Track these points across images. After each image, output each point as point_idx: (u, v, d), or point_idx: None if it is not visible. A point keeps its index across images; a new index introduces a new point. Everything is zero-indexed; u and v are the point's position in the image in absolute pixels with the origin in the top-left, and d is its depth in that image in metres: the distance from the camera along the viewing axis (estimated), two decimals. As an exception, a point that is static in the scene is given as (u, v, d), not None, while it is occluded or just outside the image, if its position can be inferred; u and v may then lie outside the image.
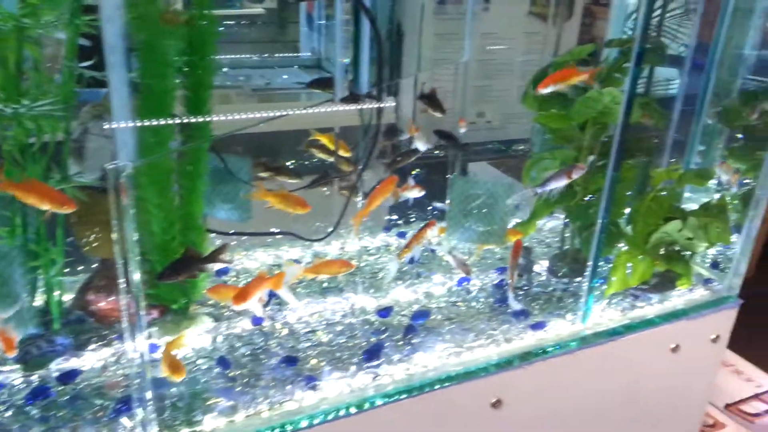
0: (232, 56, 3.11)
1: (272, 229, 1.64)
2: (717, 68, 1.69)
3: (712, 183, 1.82)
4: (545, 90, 1.34)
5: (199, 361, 1.27)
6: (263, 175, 1.56)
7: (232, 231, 1.54)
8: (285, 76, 3.09)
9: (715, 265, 1.72)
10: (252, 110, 1.80)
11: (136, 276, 1.01)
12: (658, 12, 2.76)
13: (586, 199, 1.51)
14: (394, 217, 1.87)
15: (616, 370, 1.52)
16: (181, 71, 1.25)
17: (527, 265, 1.62)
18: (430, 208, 1.81)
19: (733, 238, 1.61)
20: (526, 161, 1.55)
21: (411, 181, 1.56)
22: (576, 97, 1.48)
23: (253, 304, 1.15)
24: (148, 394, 1.08)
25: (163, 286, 1.29)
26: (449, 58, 2.53)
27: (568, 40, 2.50)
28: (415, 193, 1.53)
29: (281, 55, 3.20)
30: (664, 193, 1.47)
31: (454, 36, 2.45)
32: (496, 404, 1.36)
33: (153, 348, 1.26)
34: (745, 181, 1.68)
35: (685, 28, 2.91)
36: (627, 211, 1.57)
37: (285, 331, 1.39)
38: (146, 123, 1.15)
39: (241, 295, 1.14)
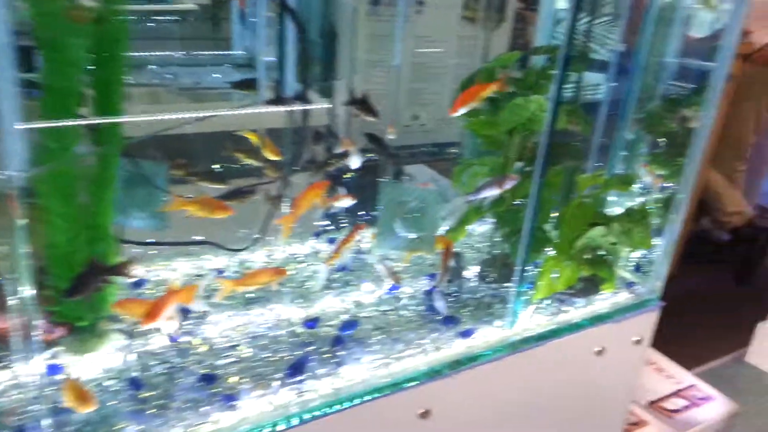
0: (161, 53, 2.97)
1: (193, 238, 1.56)
2: (641, 74, 1.74)
3: (636, 186, 1.88)
4: (457, 114, 1.34)
5: (108, 383, 1.19)
6: (183, 177, 1.49)
7: (148, 240, 1.45)
8: (216, 75, 2.99)
9: (638, 268, 1.77)
10: (178, 110, 1.72)
11: (30, 292, 0.92)
12: (586, 18, 2.83)
13: (514, 204, 1.51)
14: (325, 222, 1.83)
15: (544, 375, 1.53)
16: (89, 71, 1.16)
17: (457, 270, 1.61)
18: (362, 213, 1.78)
19: (655, 241, 1.66)
20: (456, 166, 1.54)
21: (341, 191, 1.52)
22: (505, 103, 1.48)
23: (164, 322, 1.08)
24: (46, 422, 0.99)
25: (67, 301, 1.20)
26: (383, 60, 2.50)
27: (501, 44, 2.52)
28: (345, 202, 1.50)
29: (213, 52, 3.09)
30: (589, 199, 1.49)
31: (388, 38, 2.42)
32: (425, 414, 1.34)
33: (56, 370, 1.17)
34: (666, 185, 1.73)
35: (612, 34, 3.01)
36: (555, 215, 1.58)
37: (204, 348, 1.32)
38: (42, 126, 1.06)
39: (151, 313, 1.06)
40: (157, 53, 2.94)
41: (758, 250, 3.45)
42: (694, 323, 3.03)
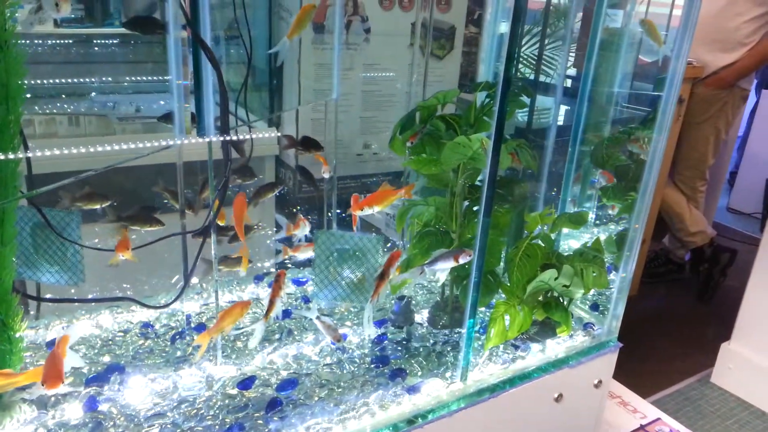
0: (105, 79, 2.84)
1: (117, 291, 1.43)
2: (589, 105, 1.68)
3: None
4: (361, 213, 1.26)
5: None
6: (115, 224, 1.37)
7: (59, 298, 1.32)
8: (161, 102, 2.86)
9: (595, 306, 1.70)
10: (113, 142, 1.60)
11: None
12: (532, 44, 2.81)
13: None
14: (266, 264, 1.72)
15: (501, 427, 1.44)
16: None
17: (407, 316, 1.51)
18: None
19: (611, 276, 1.59)
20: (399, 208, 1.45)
21: (300, 217, 1.42)
22: (447, 140, 1.41)
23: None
24: None
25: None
26: (329, 88, 2.43)
27: (450, 72, 2.47)
28: (305, 230, 1.40)
29: (159, 78, 2.97)
30: (539, 240, 1.42)
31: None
32: (370, 482, 1.23)
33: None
34: (616, 216, 1.67)
35: (561, 60, 2.99)
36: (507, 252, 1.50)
37: (122, 419, 1.19)
38: None
39: (50, 375, 0.95)
40: (102, 79, 2.81)
41: (721, 269, 3.46)
42: (657, 344, 2.99)
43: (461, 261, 1.21)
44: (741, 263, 3.59)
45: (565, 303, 1.49)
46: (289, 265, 1.70)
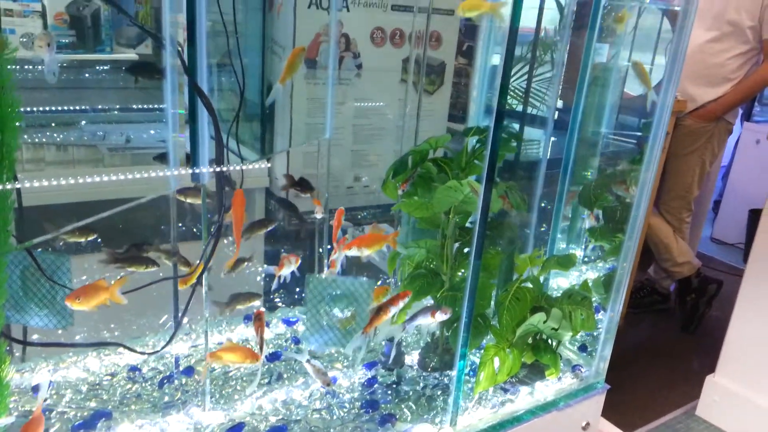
0: (97, 107, 2.83)
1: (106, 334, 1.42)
2: (578, 140, 1.71)
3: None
4: (350, 252, 1.28)
5: None
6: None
7: (47, 342, 1.30)
8: (152, 132, 2.86)
9: (583, 348, 1.71)
10: (104, 174, 1.58)
11: None
12: (524, 77, 2.86)
13: (451, 290, 1.44)
14: (256, 303, 1.71)
15: (489, 471, 1.44)
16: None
17: (397, 358, 1.51)
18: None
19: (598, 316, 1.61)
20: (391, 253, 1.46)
21: (283, 255, 1.41)
22: (438, 183, 1.42)
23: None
24: None
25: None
26: (323, 123, 2.45)
27: (440, 106, 2.50)
28: (291, 268, 1.38)
29: (151, 106, 2.97)
30: (528, 282, 1.43)
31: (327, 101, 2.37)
32: None
33: None
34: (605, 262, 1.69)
35: (549, 92, 3.04)
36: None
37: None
38: None
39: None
40: (94, 107, 2.80)
41: (707, 300, 3.49)
42: (642, 376, 3.00)
43: (438, 318, 1.22)
44: (724, 294, 3.62)
45: (554, 345, 1.50)
46: (280, 304, 1.69)
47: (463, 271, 1.47)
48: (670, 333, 3.60)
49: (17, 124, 1.07)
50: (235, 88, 2.30)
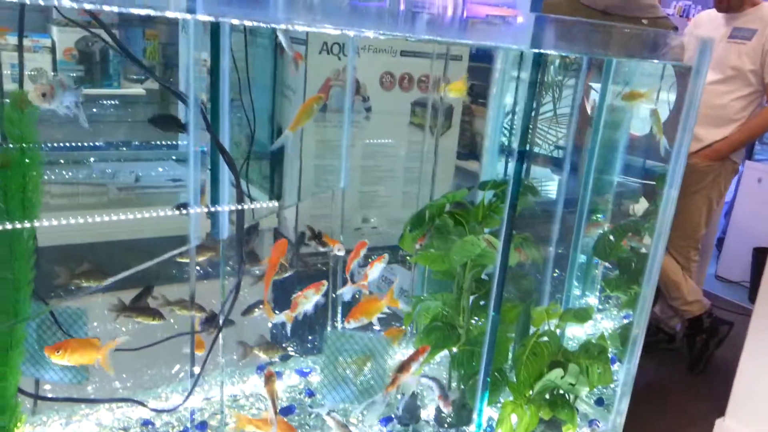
0: (106, 144, 2.83)
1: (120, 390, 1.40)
2: (589, 195, 1.71)
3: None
4: (349, 325, 1.29)
5: None
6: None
7: (60, 396, 1.28)
8: (160, 169, 2.86)
9: (599, 401, 1.69)
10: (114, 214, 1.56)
11: None
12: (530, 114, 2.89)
13: (468, 345, 1.43)
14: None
15: None
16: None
17: (413, 413, 1.49)
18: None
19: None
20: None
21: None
22: (454, 235, 1.42)
23: None
24: None
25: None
26: (333, 164, 2.47)
27: (449, 148, 2.52)
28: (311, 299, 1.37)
29: (160, 143, 2.97)
30: (545, 337, 1.42)
31: (338, 144, 2.39)
32: None
33: None
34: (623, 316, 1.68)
35: (557, 132, 3.06)
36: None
37: None
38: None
39: None
40: (101, 144, 2.80)
41: (717, 341, 3.45)
42: (650, 418, 2.96)
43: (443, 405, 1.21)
44: (731, 333, 3.60)
45: (571, 399, 1.49)
46: (292, 354, 1.68)
47: (477, 319, 1.46)
48: (676, 374, 3.56)
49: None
50: (246, 130, 2.32)
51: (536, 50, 1.05)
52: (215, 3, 0.96)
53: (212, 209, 1.23)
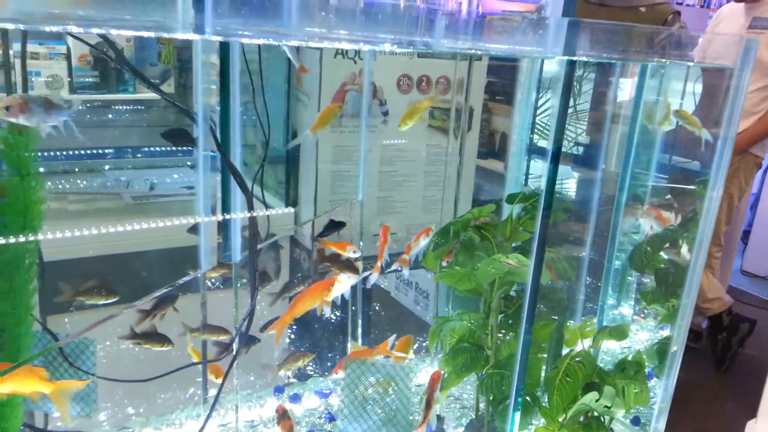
0: (120, 151, 2.79)
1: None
2: (623, 203, 1.62)
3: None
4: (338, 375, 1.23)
5: None
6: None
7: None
8: (175, 176, 2.81)
9: (636, 420, 1.60)
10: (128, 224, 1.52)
11: None
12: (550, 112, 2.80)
13: (497, 368, 1.35)
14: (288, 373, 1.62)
15: None
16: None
17: (439, 436, 1.42)
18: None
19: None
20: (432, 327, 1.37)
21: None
22: (481, 251, 1.35)
23: None
24: None
25: None
26: (350, 171, 2.40)
27: (469, 152, 2.44)
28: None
29: (176, 149, 2.92)
30: (579, 358, 1.34)
31: (354, 149, 2.32)
32: None
33: None
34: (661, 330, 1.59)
35: (579, 129, 2.96)
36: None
37: None
38: None
39: None
40: (114, 151, 2.76)
41: (739, 339, 3.37)
42: (680, 420, 2.87)
43: None
44: (759, 330, 3.49)
45: (606, 422, 1.40)
46: (313, 373, 1.61)
47: (505, 334, 1.38)
48: (703, 373, 3.47)
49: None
50: (260, 135, 2.26)
51: (569, 57, 0.97)
52: (226, 14, 0.89)
53: (223, 232, 1.16)
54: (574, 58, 0.99)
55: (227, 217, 1.14)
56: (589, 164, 2.00)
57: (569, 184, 2.46)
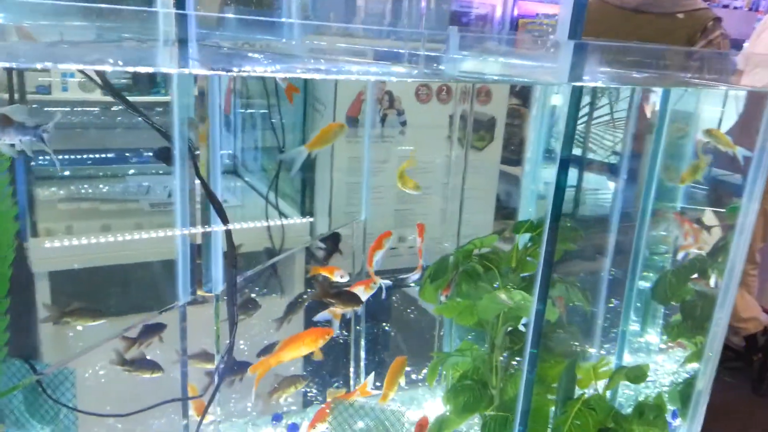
0: (143, 155, 2.78)
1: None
2: (648, 229, 1.50)
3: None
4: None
5: None
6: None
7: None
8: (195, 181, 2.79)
9: (656, 466, 1.48)
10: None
11: None
12: (583, 120, 2.66)
13: (500, 411, 1.25)
14: (289, 399, 1.56)
15: None
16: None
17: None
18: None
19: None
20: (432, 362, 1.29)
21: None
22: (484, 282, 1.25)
23: None
24: None
25: None
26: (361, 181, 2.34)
27: (491, 164, 2.33)
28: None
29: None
30: (592, 403, 1.23)
31: (371, 160, 2.26)
32: None
33: None
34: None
35: (614, 138, 2.81)
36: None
37: None
38: None
39: None
40: (138, 155, 2.75)
41: (776, 359, 3.18)
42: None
43: None
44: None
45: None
46: (316, 401, 1.55)
47: (514, 372, 1.29)
48: (742, 395, 3.28)
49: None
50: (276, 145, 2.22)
51: (575, 84, 0.87)
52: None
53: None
54: (578, 84, 0.88)
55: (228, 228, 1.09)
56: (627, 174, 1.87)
57: (605, 194, 2.33)
